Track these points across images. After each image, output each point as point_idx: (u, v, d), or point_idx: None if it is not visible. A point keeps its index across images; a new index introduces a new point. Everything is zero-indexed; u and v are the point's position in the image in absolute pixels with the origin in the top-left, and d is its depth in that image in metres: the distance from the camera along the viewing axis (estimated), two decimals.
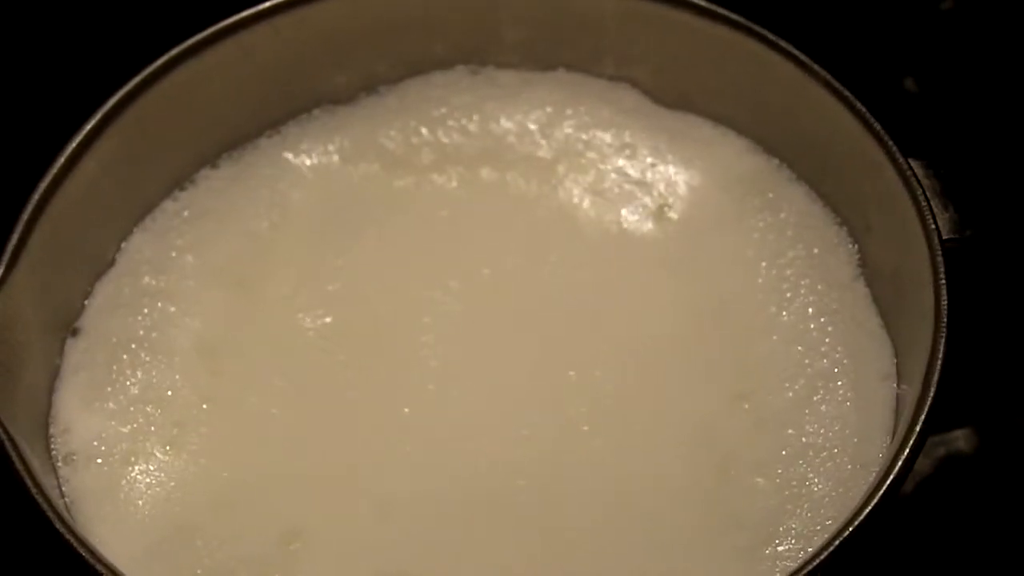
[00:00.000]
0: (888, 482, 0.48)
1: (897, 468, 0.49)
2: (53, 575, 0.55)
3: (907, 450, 0.49)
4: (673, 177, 0.64)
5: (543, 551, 0.54)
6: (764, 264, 0.61)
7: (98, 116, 0.60)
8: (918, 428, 0.49)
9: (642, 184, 0.64)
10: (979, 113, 0.77)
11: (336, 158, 0.66)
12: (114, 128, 0.61)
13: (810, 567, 0.48)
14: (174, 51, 0.62)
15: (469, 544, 0.55)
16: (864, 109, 0.58)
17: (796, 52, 0.61)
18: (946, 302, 0.52)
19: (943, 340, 0.52)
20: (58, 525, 0.50)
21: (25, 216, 0.57)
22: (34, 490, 0.51)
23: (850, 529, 0.48)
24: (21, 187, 0.59)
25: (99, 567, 0.49)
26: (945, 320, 0.52)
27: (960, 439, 0.68)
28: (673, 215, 0.63)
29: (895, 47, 0.80)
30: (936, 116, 0.77)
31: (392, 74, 0.68)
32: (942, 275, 0.53)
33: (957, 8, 0.81)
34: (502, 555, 0.54)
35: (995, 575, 0.64)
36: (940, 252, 0.54)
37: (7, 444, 0.52)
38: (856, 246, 0.61)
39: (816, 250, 0.61)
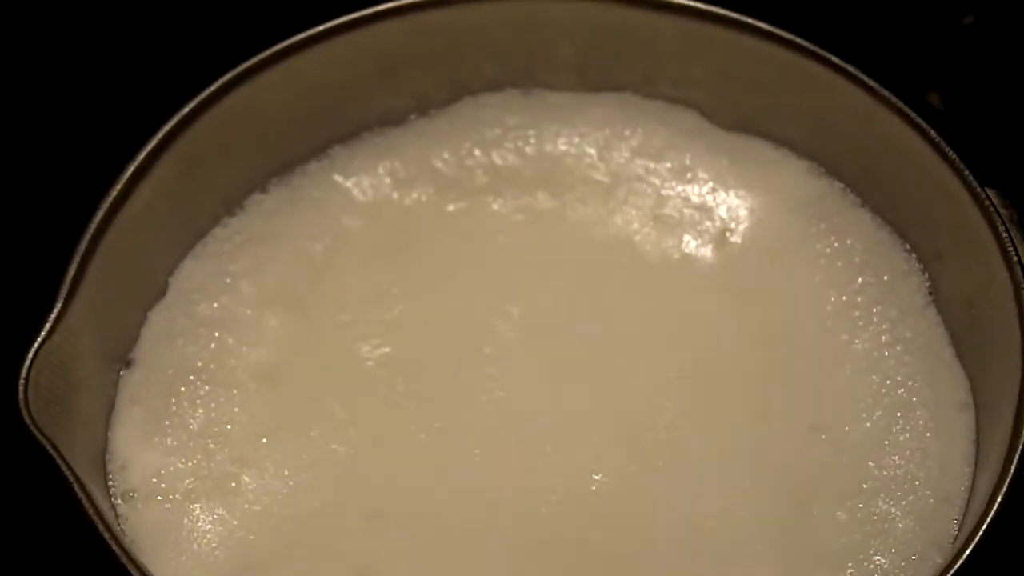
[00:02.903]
0: (990, 518, 0.48)
1: (998, 503, 0.48)
2: None
3: (1005, 484, 0.48)
4: (735, 201, 0.63)
5: None
6: (833, 291, 0.60)
7: (154, 142, 0.59)
8: (1015, 464, 0.49)
9: (703, 208, 0.63)
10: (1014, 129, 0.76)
11: (387, 180, 0.65)
12: (169, 154, 0.59)
13: None
14: (228, 76, 0.61)
15: None
16: (938, 136, 0.57)
17: (864, 77, 0.60)
18: None
19: None
20: (125, 561, 0.49)
21: (83, 246, 0.56)
22: (100, 526, 0.50)
23: (957, 565, 0.47)
24: (74, 218, 0.57)
25: None
26: None
27: None
28: (736, 240, 0.62)
29: (917, 63, 0.79)
30: (979, 140, 0.76)
31: (442, 96, 0.67)
32: None
33: (978, 23, 0.80)
34: None
35: None
36: (1023, 282, 0.53)
37: (72, 481, 0.51)
38: (926, 274, 0.60)
39: (886, 277, 0.60)
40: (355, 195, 0.64)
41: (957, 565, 0.47)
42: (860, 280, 0.60)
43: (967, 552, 0.47)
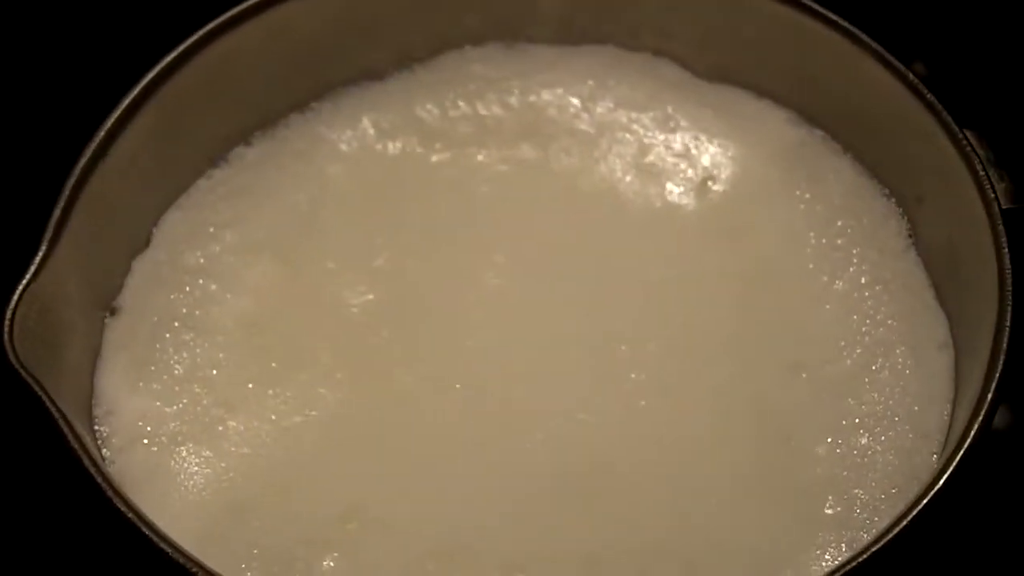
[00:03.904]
0: (964, 449, 0.48)
1: (972, 436, 0.49)
2: (106, 555, 0.54)
3: (979, 418, 0.49)
4: (716, 150, 0.64)
5: (601, 524, 0.54)
6: (813, 234, 0.60)
7: (136, 90, 0.59)
8: (990, 396, 0.49)
9: (685, 157, 0.64)
10: (1005, 88, 0.77)
11: (372, 132, 0.65)
12: (152, 103, 0.59)
13: (886, 539, 0.47)
14: (211, 25, 0.61)
15: (525, 519, 0.54)
16: (916, 79, 0.58)
17: (843, 22, 0.60)
18: (1010, 270, 0.52)
19: (1010, 308, 0.52)
20: (119, 504, 0.49)
21: (67, 191, 0.56)
22: (92, 469, 0.50)
23: (926, 500, 0.48)
24: (58, 164, 0.57)
25: (164, 547, 0.48)
26: (1011, 289, 0.52)
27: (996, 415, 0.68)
28: (718, 188, 0.63)
29: (902, 32, 0.79)
30: (956, 95, 0.77)
31: (425, 49, 0.67)
32: (1005, 245, 0.53)
33: None
34: (559, 529, 0.54)
35: None
36: (1001, 221, 0.54)
37: (60, 422, 0.51)
38: (906, 217, 0.61)
39: (865, 220, 0.61)
40: (340, 146, 0.65)
41: (930, 495, 0.48)
42: (840, 223, 0.61)
43: (940, 482, 0.48)
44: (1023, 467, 0.66)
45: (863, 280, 0.59)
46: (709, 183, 0.63)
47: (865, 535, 0.52)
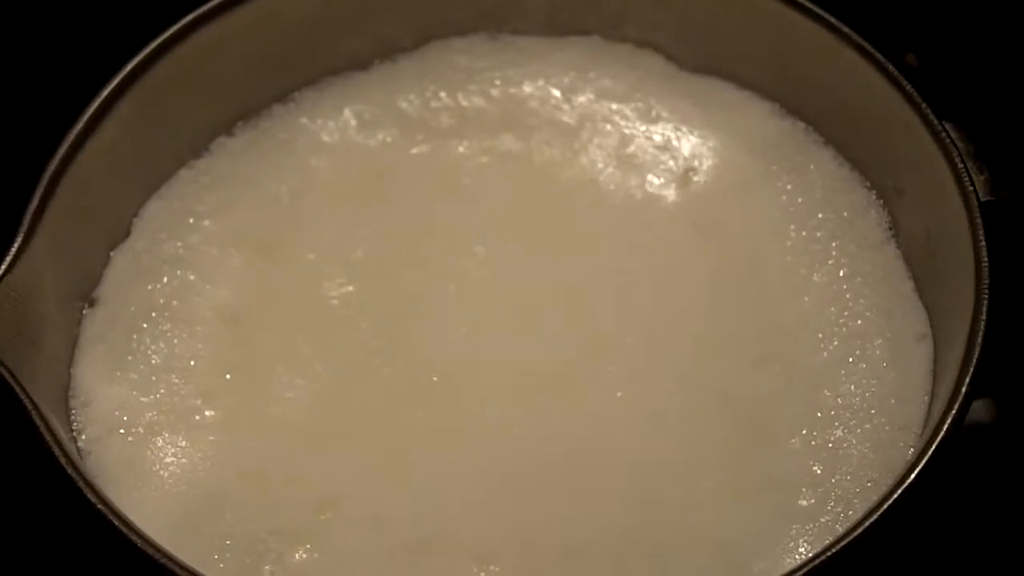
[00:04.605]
0: (938, 442, 0.48)
1: (945, 428, 0.49)
2: (81, 547, 0.54)
3: (954, 410, 0.49)
4: (698, 141, 0.64)
5: (576, 515, 0.54)
6: (793, 226, 0.60)
7: (117, 79, 0.59)
8: (964, 388, 0.49)
9: (667, 149, 0.64)
10: (998, 82, 0.76)
11: (354, 122, 0.65)
12: (133, 92, 0.59)
13: (863, 527, 0.47)
14: (193, 14, 0.61)
15: (500, 510, 0.54)
16: (896, 71, 0.58)
17: (824, 14, 0.60)
18: (987, 263, 0.52)
19: (986, 300, 0.51)
20: (89, 495, 0.49)
21: (44, 181, 0.56)
22: (63, 460, 0.50)
23: (901, 490, 0.47)
24: (37, 156, 0.57)
25: (133, 537, 0.48)
26: (987, 281, 0.52)
27: (978, 409, 0.67)
28: (699, 179, 0.63)
29: (895, 23, 0.79)
30: (947, 87, 0.77)
31: (409, 40, 0.67)
32: (982, 236, 0.53)
33: None
34: (534, 520, 0.54)
35: (1013, 545, 0.64)
36: (979, 214, 0.53)
37: (33, 413, 0.51)
38: (886, 209, 0.60)
39: (846, 213, 0.60)
40: (322, 137, 0.65)
41: (901, 488, 0.48)
42: (820, 216, 0.60)
43: (912, 476, 0.48)
44: (1007, 461, 0.66)
45: (842, 272, 0.59)
46: (690, 174, 0.63)
47: (839, 528, 0.52)
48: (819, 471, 0.54)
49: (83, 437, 0.56)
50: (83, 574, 0.59)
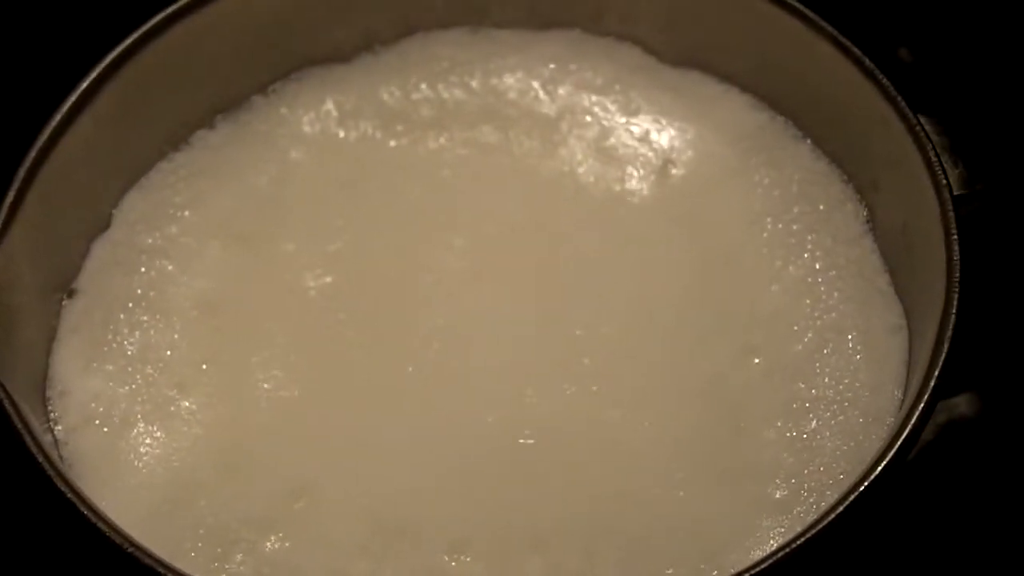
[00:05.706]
0: (904, 435, 0.48)
1: (912, 422, 0.49)
2: (53, 536, 0.54)
3: (922, 403, 0.49)
4: (677, 134, 0.64)
5: (549, 503, 0.54)
6: (770, 219, 0.60)
7: (96, 72, 0.59)
8: (933, 382, 0.49)
9: (646, 141, 0.64)
10: (978, 77, 0.76)
11: (335, 114, 0.65)
12: (112, 84, 0.60)
13: (827, 520, 0.47)
14: (173, 7, 0.61)
15: (474, 498, 0.54)
16: (873, 65, 0.58)
17: (802, 8, 0.60)
18: (958, 257, 0.52)
19: (956, 294, 0.51)
20: (59, 484, 0.50)
21: (22, 173, 0.56)
22: (34, 449, 0.50)
23: (866, 483, 0.47)
24: (16, 145, 0.58)
25: (101, 526, 0.48)
26: (958, 275, 0.52)
27: (962, 404, 0.68)
28: (677, 172, 0.63)
29: (888, 18, 0.79)
30: (935, 81, 0.77)
31: (390, 32, 0.67)
32: (954, 230, 0.53)
33: None
34: (507, 508, 0.54)
35: (997, 540, 0.64)
36: (951, 208, 0.53)
37: (5, 403, 0.51)
38: (863, 203, 0.60)
39: (822, 206, 0.60)
40: (302, 128, 0.65)
41: (869, 480, 0.48)
42: (796, 209, 0.60)
43: (879, 468, 0.48)
44: (992, 455, 0.66)
45: (817, 265, 0.59)
46: (669, 167, 0.63)
47: (812, 519, 0.52)
48: (793, 462, 0.54)
49: (59, 427, 0.56)
50: (56, 563, 0.59)
